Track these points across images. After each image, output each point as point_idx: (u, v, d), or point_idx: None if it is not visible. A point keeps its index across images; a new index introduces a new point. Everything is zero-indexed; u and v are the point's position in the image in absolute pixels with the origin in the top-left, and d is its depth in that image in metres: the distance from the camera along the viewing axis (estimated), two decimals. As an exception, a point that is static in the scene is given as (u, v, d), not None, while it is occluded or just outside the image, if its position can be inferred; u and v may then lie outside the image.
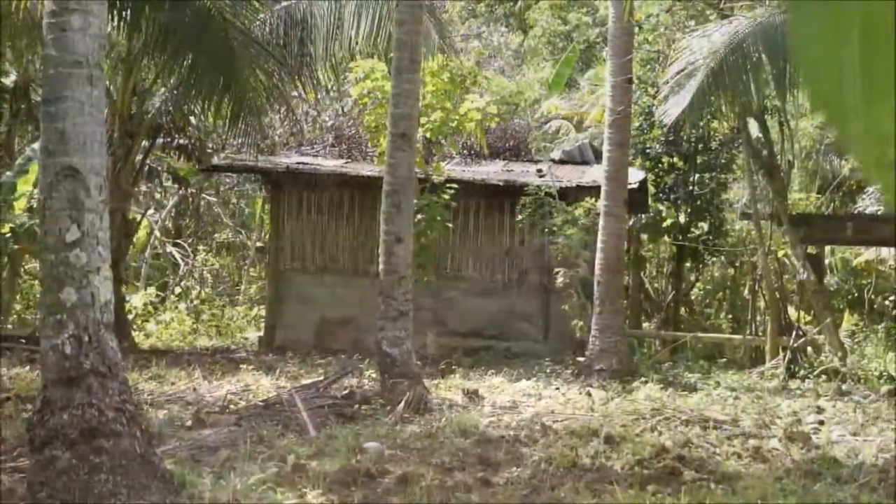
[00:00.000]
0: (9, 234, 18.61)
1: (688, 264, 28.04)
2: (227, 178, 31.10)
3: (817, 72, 0.88)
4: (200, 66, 18.11)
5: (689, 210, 26.41)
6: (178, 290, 28.49)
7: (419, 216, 18.60)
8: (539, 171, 21.82)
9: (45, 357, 8.00)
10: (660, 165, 25.85)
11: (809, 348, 20.16)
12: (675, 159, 25.97)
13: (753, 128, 22.37)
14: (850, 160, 27.27)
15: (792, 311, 22.19)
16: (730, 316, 29.23)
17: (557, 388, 16.21)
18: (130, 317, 23.34)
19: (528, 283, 21.95)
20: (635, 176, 21.05)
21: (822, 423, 13.35)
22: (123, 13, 17.79)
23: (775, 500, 8.97)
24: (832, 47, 0.84)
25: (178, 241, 30.88)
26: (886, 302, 27.98)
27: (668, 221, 26.22)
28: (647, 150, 25.52)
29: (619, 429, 12.18)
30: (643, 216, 26.50)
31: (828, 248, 26.30)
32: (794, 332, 20.09)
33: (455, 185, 19.90)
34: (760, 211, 21.73)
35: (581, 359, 18.68)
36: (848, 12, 0.84)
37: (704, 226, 26.63)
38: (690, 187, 26.14)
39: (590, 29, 36.89)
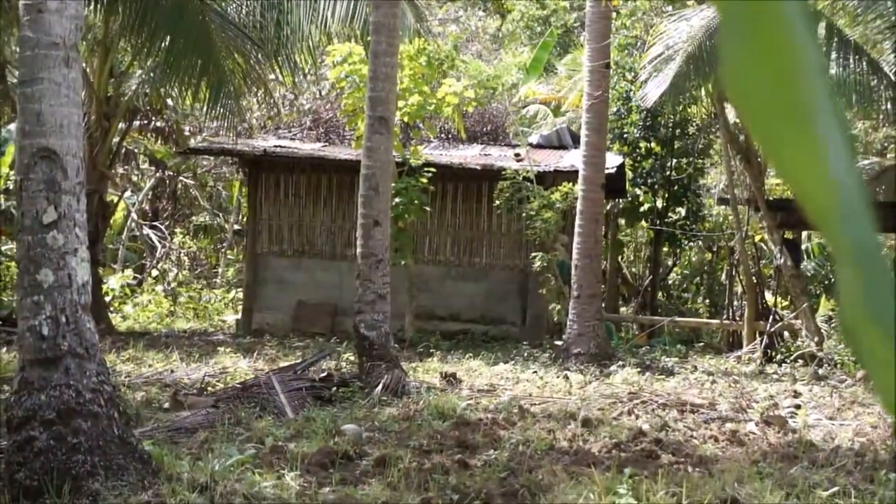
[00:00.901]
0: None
1: (665, 249, 28.12)
2: (204, 161, 31.01)
3: (748, 90, 0.80)
4: (177, 49, 18.02)
5: (666, 195, 26.45)
6: (155, 272, 28.43)
7: (397, 200, 18.60)
8: (517, 155, 21.82)
9: (23, 338, 7.97)
10: (637, 150, 25.88)
11: (786, 333, 20.23)
12: (653, 144, 26.01)
13: (731, 113, 22.37)
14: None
15: (769, 296, 22.21)
16: (707, 300, 29.28)
17: (535, 372, 16.23)
18: (107, 299, 23.29)
19: (506, 267, 21.98)
20: (613, 160, 21.09)
21: (798, 406, 13.41)
22: (100, -5, 17.74)
23: (752, 483, 9.00)
24: (762, 61, 0.78)
25: (155, 223, 30.80)
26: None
27: (646, 206, 26.27)
28: (625, 135, 25.54)
29: (597, 412, 12.21)
30: (620, 201, 26.57)
31: (805, 233, 26.37)
32: (770, 317, 20.15)
33: (433, 169, 19.89)
34: (737, 196, 21.76)
35: (558, 343, 18.72)
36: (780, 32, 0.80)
37: (682, 210, 26.68)
38: (668, 172, 26.19)
39: (567, 13, 36.90)
